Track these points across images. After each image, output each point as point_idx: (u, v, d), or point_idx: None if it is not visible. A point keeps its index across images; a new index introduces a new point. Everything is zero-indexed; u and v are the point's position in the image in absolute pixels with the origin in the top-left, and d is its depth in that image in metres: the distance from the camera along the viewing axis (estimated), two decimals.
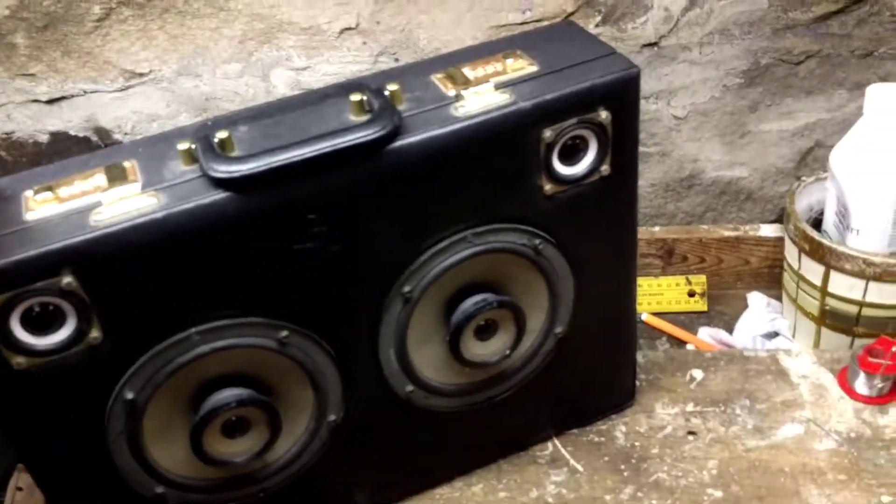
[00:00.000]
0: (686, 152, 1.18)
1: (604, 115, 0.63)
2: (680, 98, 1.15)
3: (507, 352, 0.71)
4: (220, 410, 0.61)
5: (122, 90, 1.28)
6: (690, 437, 0.80)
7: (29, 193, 0.57)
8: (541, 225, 0.67)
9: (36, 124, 1.33)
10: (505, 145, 0.62)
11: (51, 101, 1.31)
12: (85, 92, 1.30)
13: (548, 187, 0.65)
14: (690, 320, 1.09)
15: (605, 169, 0.66)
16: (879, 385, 0.80)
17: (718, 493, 0.74)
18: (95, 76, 1.27)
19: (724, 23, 1.07)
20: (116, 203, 0.55)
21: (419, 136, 0.59)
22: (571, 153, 0.65)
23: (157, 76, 1.26)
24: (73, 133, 1.34)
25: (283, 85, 1.26)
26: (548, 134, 0.62)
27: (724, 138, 1.17)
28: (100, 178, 0.57)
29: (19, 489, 0.71)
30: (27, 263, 0.52)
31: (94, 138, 1.34)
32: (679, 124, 1.17)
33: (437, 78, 0.65)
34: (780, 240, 1.08)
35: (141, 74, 1.26)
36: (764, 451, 0.78)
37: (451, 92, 0.62)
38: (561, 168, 0.65)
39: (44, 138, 1.34)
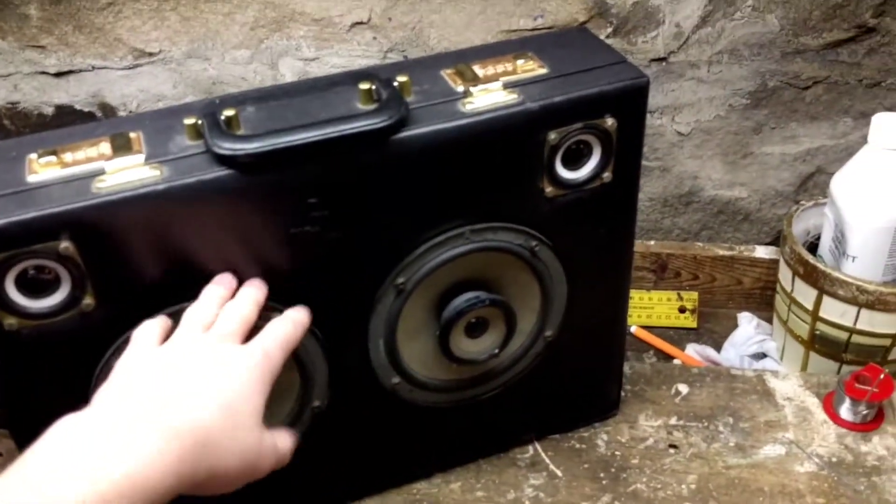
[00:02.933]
0: (687, 169, 1.19)
1: (610, 121, 0.64)
2: (685, 115, 1.16)
3: (496, 351, 0.71)
4: None
5: (130, 68, 1.29)
6: (671, 451, 0.80)
7: (33, 156, 0.57)
8: (539, 227, 0.67)
9: (42, 96, 1.33)
10: (509, 144, 0.62)
11: (58, 74, 1.31)
12: (93, 67, 1.30)
13: (549, 190, 0.66)
14: (679, 336, 1.09)
15: (607, 176, 0.67)
16: (864, 412, 0.80)
17: None
18: (105, 52, 1.27)
19: (734, 43, 1.08)
20: (119, 172, 0.55)
21: (425, 128, 0.59)
22: (575, 158, 0.65)
23: (166, 57, 1.27)
24: (78, 108, 1.35)
25: (290, 74, 1.26)
26: (552, 136, 0.63)
27: (726, 157, 1.17)
28: (104, 147, 0.58)
29: None
30: (26, 225, 0.52)
31: (99, 114, 1.34)
32: (682, 141, 1.17)
33: (446, 73, 0.65)
34: (775, 262, 1.08)
35: (150, 54, 1.26)
36: (744, 469, 0.78)
37: (460, 88, 0.63)
38: (563, 172, 0.65)
39: (49, 111, 1.34)
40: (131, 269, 0.57)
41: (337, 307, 0.65)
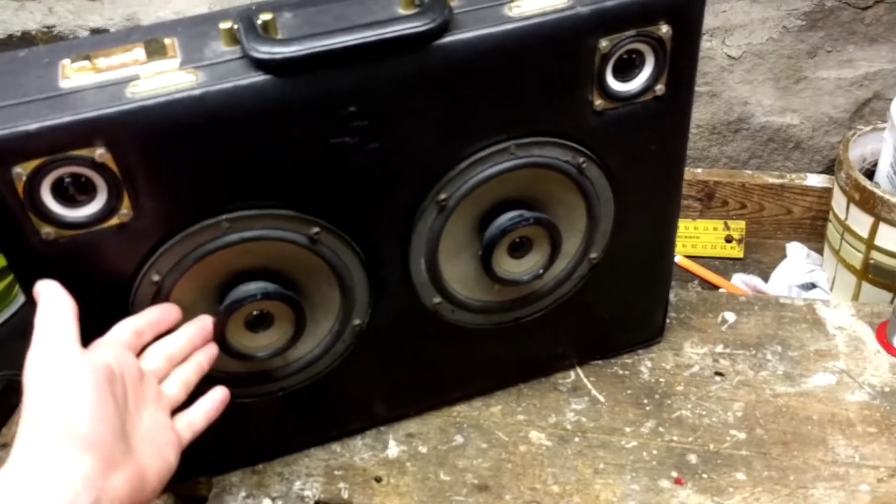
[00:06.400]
0: (736, 94, 1.14)
1: (664, 29, 0.60)
2: (736, 37, 1.11)
3: (540, 271, 0.69)
4: (245, 302, 0.60)
5: None
6: (717, 378, 0.78)
7: (66, 62, 0.55)
8: (587, 143, 0.65)
9: (77, 19, 1.31)
10: (558, 52, 0.59)
11: None
12: None
13: (598, 103, 0.63)
14: (725, 266, 1.07)
15: (659, 88, 0.64)
16: None
17: (742, 435, 0.73)
18: None
19: None
20: (154, 77, 0.53)
21: (469, 33, 0.57)
22: (626, 68, 0.62)
23: None
24: (113, 31, 1.33)
25: None
26: (604, 44, 0.60)
27: (778, 83, 1.13)
28: (138, 52, 0.56)
29: None
30: (60, 130, 0.51)
31: None
32: (732, 65, 1.13)
33: None
34: (826, 191, 1.05)
35: None
36: (792, 397, 0.76)
37: None
38: (614, 83, 0.62)
39: (84, 34, 1.32)
40: (167, 179, 0.55)
41: (377, 223, 0.63)
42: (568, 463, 0.72)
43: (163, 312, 0.58)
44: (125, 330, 0.56)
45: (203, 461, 0.71)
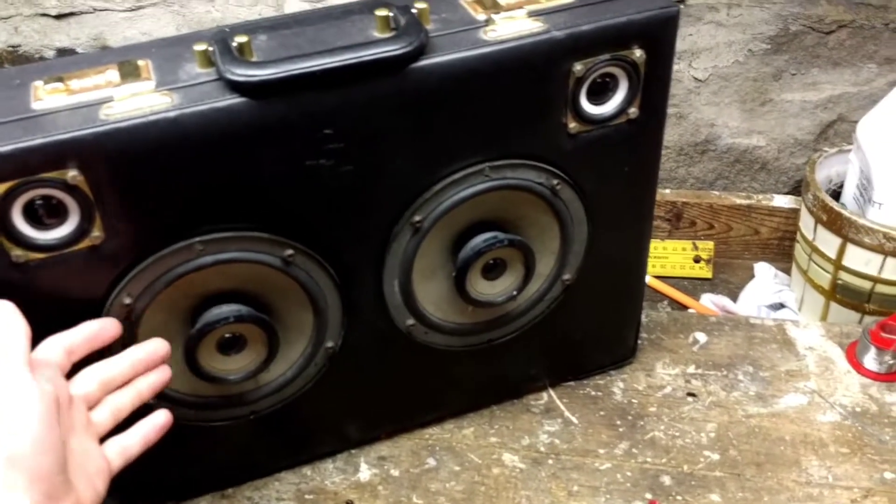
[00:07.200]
0: (703, 116, 1.16)
1: (638, 53, 0.61)
2: (702, 60, 1.13)
3: (514, 293, 0.69)
4: (218, 325, 0.59)
5: (132, 10, 1.25)
6: (690, 399, 0.79)
7: (38, 83, 0.54)
8: (561, 165, 0.65)
9: (43, 39, 1.30)
10: (533, 76, 0.60)
11: (60, 17, 1.28)
12: (95, 9, 1.27)
13: (572, 125, 0.63)
14: (694, 286, 1.08)
15: (633, 112, 0.64)
16: (890, 361, 0.78)
17: (715, 456, 0.73)
18: None
19: None
20: (128, 99, 0.53)
21: (445, 56, 0.57)
22: (600, 91, 0.63)
23: None
24: (80, 51, 1.32)
25: None
26: (578, 68, 0.60)
27: (744, 105, 1.15)
28: (112, 74, 0.55)
29: None
30: (32, 152, 0.50)
31: None
32: (699, 87, 1.14)
33: (466, 1, 0.62)
34: (793, 211, 1.06)
35: None
36: (765, 418, 0.77)
37: (482, 16, 0.60)
38: (588, 106, 0.63)
39: (50, 54, 1.31)
40: (141, 201, 0.55)
41: (351, 245, 0.63)
42: (542, 485, 0.72)
43: (100, 327, 0.55)
44: (57, 347, 0.52)
45: (171, 486, 0.70)
